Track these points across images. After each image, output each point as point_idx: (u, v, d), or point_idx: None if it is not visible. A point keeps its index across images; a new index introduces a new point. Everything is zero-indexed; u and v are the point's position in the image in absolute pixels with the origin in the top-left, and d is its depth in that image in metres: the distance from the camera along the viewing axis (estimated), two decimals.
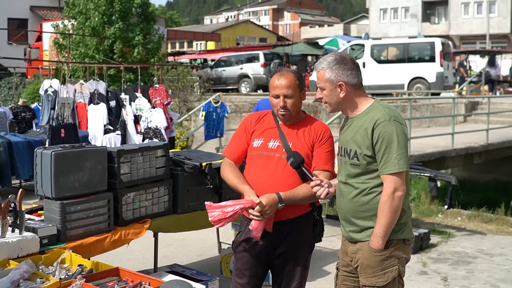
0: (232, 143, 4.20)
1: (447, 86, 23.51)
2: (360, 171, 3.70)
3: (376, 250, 3.65)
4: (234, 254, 4.20)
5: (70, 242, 4.53)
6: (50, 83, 12.63)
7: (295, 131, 4.05)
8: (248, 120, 4.20)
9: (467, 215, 10.74)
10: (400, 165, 3.59)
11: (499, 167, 19.81)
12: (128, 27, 23.22)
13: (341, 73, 3.73)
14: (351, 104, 3.79)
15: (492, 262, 7.93)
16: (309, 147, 4.01)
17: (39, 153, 4.64)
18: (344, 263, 3.93)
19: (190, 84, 23.49)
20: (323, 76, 3.77)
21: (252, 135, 4.11)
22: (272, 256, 4.07)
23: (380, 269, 3.67)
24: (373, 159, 3.65)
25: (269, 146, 4.02)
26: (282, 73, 4.06)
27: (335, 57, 3.78)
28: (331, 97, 3.80)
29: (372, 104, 3.77)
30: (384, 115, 3.64)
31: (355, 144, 3.71)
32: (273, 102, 4.03)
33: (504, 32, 50.09)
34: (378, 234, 3.63)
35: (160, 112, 11.64)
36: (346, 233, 3.86)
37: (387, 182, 3.61)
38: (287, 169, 3.94)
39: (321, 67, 3.78)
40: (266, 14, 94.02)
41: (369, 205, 3.69)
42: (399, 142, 3.61)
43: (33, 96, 20.86)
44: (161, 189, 5.35)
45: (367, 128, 3.65)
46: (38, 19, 37.26)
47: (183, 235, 7.68)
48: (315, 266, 7.38)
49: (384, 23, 56.14)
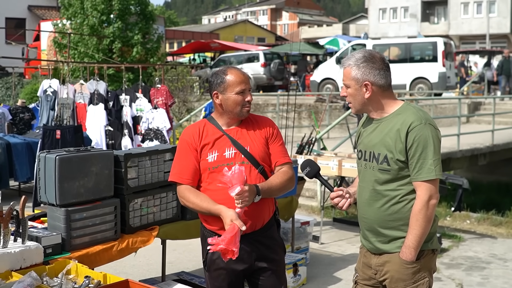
0: (178, 165, 3.79)
1: (449, 86, 23.33)
2: (390, 177, 3.45)
3: (408, 262, 3.42)
4: (208, 274, 3.85)
5: (75, 252, 4.28)
6: (49, 83, 12.40)
7: (245, 133, 3.80)
8: (188, 136, 3.80)
9: (476, 218, 10.54)
10: (436, 172, 3.35)
11: (502, 168, 19.67)
12: (127, 26, 23.01)
13: (368, 72, 3.47)
14: (377, 105, 3.54)
15: (506, 267, 7.71)
16: (265, 144, 3.81)
17: (42, 157, 4.39)
18: (365, 277, 3.68)
19: (190, 84, 23.33)
20: (349, 74, 3.52)
21: (202, 151, 3.75)
22: (251, 268, 3.80)
23: (412, 282, 3.45)
24: (405, 164, 3.41)
25: (226, 156, 3.73)
26: (233, 68, 3.85)
27: (364, 54, 3.52)
28: (355, 97, 3.54)
29: (403, 105, 3.53)
30: (419, 118, 3.40)
31: (385, 148, 3.45)
32: (238, 99, 3.72)
33: (504, 32, 49.98)
34: (411, 245, 3.39)
35: (163, 113, 11.40)
36: (371, 244, 3.60)
37: (422, 190, 3.37)
38: (254, 175, 3.72)
39: (348, 64, 3.53)
40: (264, 14, 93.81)
41: (400, 214, 3.45)
42: (435, 147, 3.37)
43: (31, 96, 20.62)
44: (169, 195, 5.11)
45: (399, 130, 3.40)
46: (36, 19, 37.09)
47: (188, 240, 7.45)
48: (325, 272, 7.17)
49: (383, 23, 56.01)
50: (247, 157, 3.73)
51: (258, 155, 3.77)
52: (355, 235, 8.88)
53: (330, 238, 8.79)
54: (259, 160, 3.76)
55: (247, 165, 3.71)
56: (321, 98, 22.49)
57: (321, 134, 10.85)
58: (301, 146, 9.26)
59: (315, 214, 10.14)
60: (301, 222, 7.43)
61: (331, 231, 9.20)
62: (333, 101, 21.19)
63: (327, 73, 24.42)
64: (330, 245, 8.46)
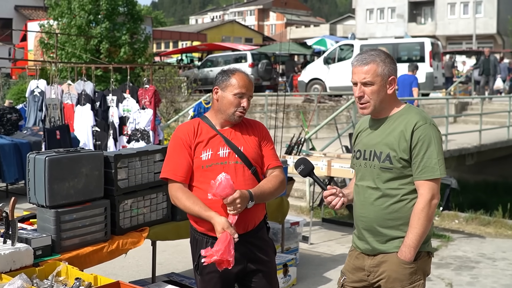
0: (172, 162, 3.74)
1: (436, 87, 23.39)
2: (392, 175, 3.44)
3: (406, 262, 3.40)
4: (200, 277, 3.80)
5: (65, 253, 4.24)
6: (36, 84, 12.34)
7: (239, 133, 3.79)
8: (183, 133, 3.77)
9: (464, 218, 10.55)
10: (441, 171, 3.36)
11: (489, 168, 19.77)
12: (114, 26, 22.91)
13: (393, 68, 3.48)
14: (389, 104, 3.53)
15: (495, 267, 7.73)
16: (258, 146, 3.82)
17: (31, 158, 4.34)
18: (355, 279, 3.65)
19: (178, 85, 23.23)
20: (375, 70, 3.45)
21: (196, 149, 3.72)
22: (244, 270, 3.78)
23: (409, 283, 3.43)
24: (408, 163, 3.41)
25: (221, 155, 3.71)
26: (242, 72, 3.81)
27: (383, 51, 3.53)
28: (379, 94, 3.46)
29: (405, 107, 3.55)
30: (423, 118, 3.43)
31: (387, 147, 3.45)
32: (233, 101, 3.71)
33: (490, 32, 50.28)
34: (411, 244, 3.37)
35: (150, 113, 11.35)
36: (367, 245, 3.56)
37: (424, 189, 3.37)
38: (247, 175, 3.72)
39: (373, 60, 3.47)
40: (251, 14, 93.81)
41: (399, 213, 3.44)
42: (439, 147, 3.40)
43: (18, 97, 20.47)
44: (159, 196, 5.08)
45: (403, 130, 3.40)
46: (23, 19, 36.89)
47: (177, 240, 7.42)
48: (315, 273, 7.17)
49: (371, 23, 56.18)
50: (241, 157, 3.72)
51: (251, 156, 3.76)
52: (344, 235, 8.88)
53: (319, 238, 8.78)
54: (252, 161, 3.75)
55: (240, 165, 3.71)
56: (309, 99, 22.49)
57: (310, 134, 10.84)
58: (290, 147, 9.25)
59: (304, 214, 10.13)
60: (290, 223, 7.42)
61: (320, 231, 9.20)
62: (321, 102, 21.20)
63: (315, 73, 24.41)
64: (319, 245, 8.45)
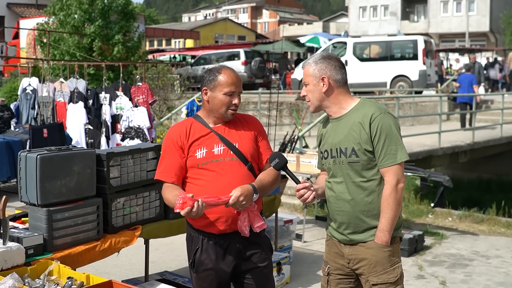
0: (163, 163, 3.75)
1: (429, 84, 23.43)
2: (361, 168, 3.59)
3: (384, 246, 3.57)
4: (196, 275, 3.78)
5: (57, 252, 4.21)
6: (29, 82, 12.29)
7: (233, 130, 3.77)
8: (174, 134, 3.75)
9: (458, 215, 10.54)
10: (401, 156, 3.55)
11: (483, 165, 19.82)
12: (107, 25, 22.81)
13: (325, 67, 3.65)
14: (334, 101, 3.69)
15: (489, 264, 7.73)
16: (254, 142, 3.81)
17: (23, 156, 4.30)
18: (338, 266, 3.77)
19: (171, 83, 23.19)
20: (308, 71, 3.71)
21: (189, 148, 3.70)
22: (240, 268, 3.76)
23: (390, 265, 3.61)
24: (373, 154, 3.56)
25: (215, 152, 3.69)
26: (228, 68, 3.79)
27: (322, 54, 3.75)
28: (314, 93, 3.70)
29: (360, 101, 3.71)
30: (378, 109, 3.60)
31: (351, 142, 3.60)
32: (225, 100, 3.69)
33: (483, 30, 50.40)
34: (385, 228, 3.56)
35: (144, 111, 11.31)
36: (344, 236, 3.69)
37: (389, 175, 3.55)
38: (243, 171, 3.70)
39: (307, 63, 3.73)
40: (244, 12, 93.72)
41: (374, 204, 3.60)
42: (397, 133, 3.59)
43: (10, 95, 20.39)
44: (152, 194, 5.05)
45: (361, 123, 3.56)
46: (15, 16, 36.76)
47: (170, 238, 7.32)
48: (309, 271, 7.15)
49: (364, 21, 56.24)
50: (236, 153, 3.70)
51: (247, 151, 3.74)
52: None
53: (313, 236, 8.76)
54: (247, 156, 3.74)
55: (236, 162, 3.69)
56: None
57: (303, 132, 10.81)
58: (283, 144, 9.23)
59: (297, 212, 10.11)
60: (284, 221, 7.40)
61: (313, 229, 9.18)
62: None
63: None
64: (313, 243, 8.43)
